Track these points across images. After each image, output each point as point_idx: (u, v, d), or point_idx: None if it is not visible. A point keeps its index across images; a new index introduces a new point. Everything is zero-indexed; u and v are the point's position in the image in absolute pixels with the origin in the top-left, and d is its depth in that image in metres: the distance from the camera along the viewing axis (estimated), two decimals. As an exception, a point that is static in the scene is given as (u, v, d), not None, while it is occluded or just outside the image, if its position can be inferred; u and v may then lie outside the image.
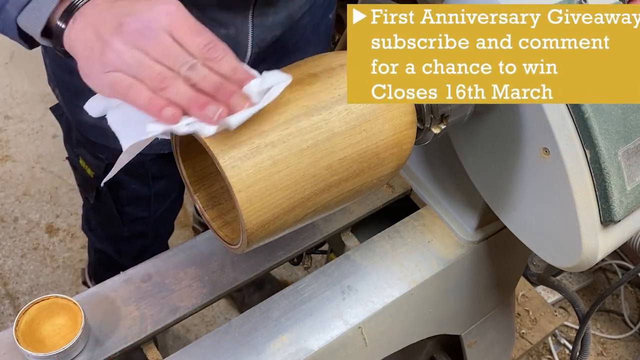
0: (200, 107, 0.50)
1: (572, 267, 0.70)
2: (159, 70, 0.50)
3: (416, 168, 0.91)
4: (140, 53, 0.50)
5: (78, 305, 0.70)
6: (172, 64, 0.50)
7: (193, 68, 0.50)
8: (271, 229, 0.55)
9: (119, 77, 0.50)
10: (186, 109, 0.50)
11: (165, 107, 0.50)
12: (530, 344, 1.32)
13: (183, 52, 0.51)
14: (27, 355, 0.67)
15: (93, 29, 0.52)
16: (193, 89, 0.50)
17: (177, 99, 0.50)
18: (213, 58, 0.51)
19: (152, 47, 0.50)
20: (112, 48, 0.50)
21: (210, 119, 0.50)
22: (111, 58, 0.50)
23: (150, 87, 0.50)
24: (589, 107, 0.62)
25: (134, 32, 0.50)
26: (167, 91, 0.50)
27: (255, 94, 0.51)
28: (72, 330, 0.68)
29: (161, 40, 0.50)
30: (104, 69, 0.51)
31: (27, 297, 1.64)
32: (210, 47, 0.51)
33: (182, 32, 0.51)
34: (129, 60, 0.50)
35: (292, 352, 0.73)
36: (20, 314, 0.69)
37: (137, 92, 0.50)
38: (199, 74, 0.50)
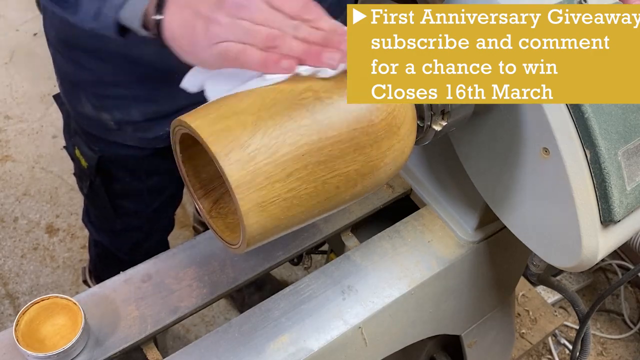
0: (316, 55, 0.54)
1: (572, 267, 0.70)
2: (268, 31, 0.54)
3: (416, 168, 0.91)
4: (246, 22, 0.54)
5: (78, 305, 0.70)
6: (277, 26, 0.54)
7: (298, 28, 0.54)
8: (271, 229, 0.55)
9: (229, 45, 0.54)
10: (302, 60, 0.54)
11: (282, 60, 0.53)
12: (530, 344, 1.32)
13: (284, 16, 0.54)
14: (27, 355, 0.67)
15: (190, 10, 0.55)
16: (303, 43, 0.54)
17: (291, 53, 0.54)
18: (311, 19, 0.55)
19: (255, 15, 0.54)
20: (216, 22, 0.54)
21: (330, 65, 0.54)
22: (217, 31, 0.54)
23: (262, 47, 0.53)
24: (589, 107, 0.62)
25: (234, 5, 0.54)
26: (280, 48, 0.54)
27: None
28: (72, 330, 0.68)
29: (261, 9, 0.54)
30: (210, 42, 0.54)
31: (27, 297, 1.64)
32: (306, 8, 0.55)
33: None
34: (236, 29, 0.54)
35: (292, 352, 0.73)
36: (20, 314, 0.69)
37: (251, 53, 0.54)
38: (304, 31, 0.54)
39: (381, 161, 0.58)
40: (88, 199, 1.15)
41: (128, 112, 0.91)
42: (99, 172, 1.03)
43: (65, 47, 0.89)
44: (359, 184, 0.58)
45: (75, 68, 0.89)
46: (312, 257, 1.22)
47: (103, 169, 1.02)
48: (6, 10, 2.43)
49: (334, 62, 0.54)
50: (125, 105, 0.90)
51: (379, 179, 0.60)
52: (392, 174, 0.61)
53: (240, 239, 0.56)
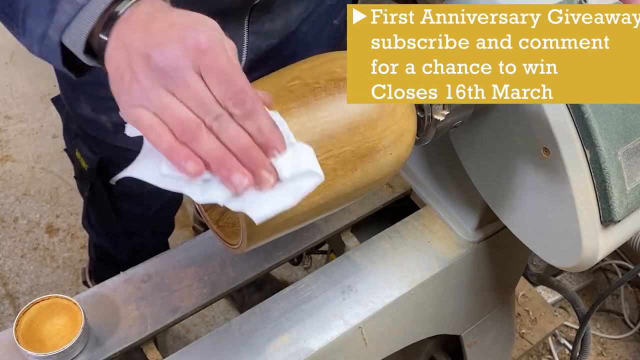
0: (227, 170, 0.47)
1: (572, 267, 0.70)
2: (184, 117, 0.47)
3: (416, 168, 0.91)
4: (166, 94, 0.47)
5: (78, 305, 0.70)
6: (198, 110, 0.47)
7: (219, 119, 0.47)
8: (271, 229, 0.55)
9: (143, 115, 0.48)
10: (209, 167, 0.48)
11: (188, 160, 0.47)
12: (530, 344, 1.32)
13: (210, 98, 0.47)
14: (27, 355, 0.67)
15: (126, 53, 0.49)
16: (220, 146, 0.47)
17: (201, 153, 0.47)
18: (239, 113, 0.47)
19: (178, 88, 0.47)
20: (138, 82, 0.48)
21: (235, 187, 0.47)
22: (137, 92, 0.48)
23: (173, 132, 0.47)
24: (589, 107, 0.62)
25: (161, 69, 0.47)
26: (192, 143, 0.47)
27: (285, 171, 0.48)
28: (72, 331, 0.68)
29: (188, 83, 0.47)
30: (130, 102, 0.49)
31: (27, 297, 1.64)
32: (239, 97, 0.47)
33: (212, 73, 0.47)
34: (154, 99, 0.47)
35: (292, 352, 0.73)
36: (20, 314, 0.69)
37: (159, 136, 0.47)
38: (227, 129, 0.47)
39: (379, 142, 0.57)
40: (88, 201, 1.15)
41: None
42: (99, 175, 1.02)
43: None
44: (358, 167, 0.57)
45: None
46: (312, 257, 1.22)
47: (104, 171, 1.02)
48: (6, 10, 2.42)
49: (240, 186, 0.47)
50: None
51: (380, 164, 0.59)
52: (394, 163, 0.60)
53: (240, 238, 0.56)
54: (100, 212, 1.13)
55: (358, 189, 0.59)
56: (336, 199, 0.58)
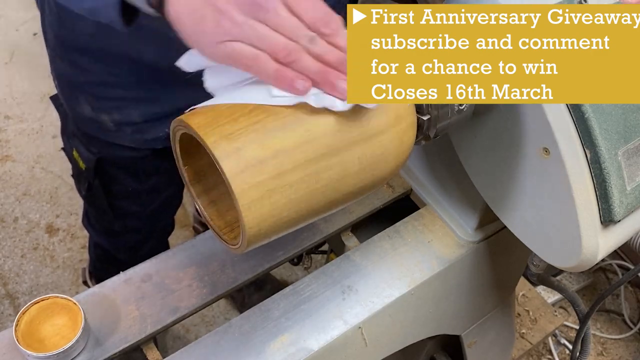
0: (332, 81, 0.51)
1: (572, 267, 0.70)
2: (284, 42, 0.50)
3: (416, 168, 0.91)
4: (260, 24, 0.50)
5: (78, 305, 0.70)
6: (293, 36, 0.51)
7: (314, 41, 0.51)
8: (271, 229, 0.55)
9: (241, 48, 0.50)
10: (315, 82, 0.51)
11: (297, 79, 0.50)
12: (530, 344, 1.32)
13: (301, 24, 0.51)
14: (27, 355, 0.67)
15: None
16: (320, 63, 0.51)
17: (306, 72, 0.51)
18: (329, 32, 0.51)
19: (270, 18, 0.50)
20: (229, 17, 0.50)
21: (341, 94, 0.51)
22: (228, 28, 0.50)
23: (276, 58, 0.50)
24: (589, 107, 0.62)
25: (252, 3, 0.50)
26: (295, 64, 0.50)
27: None
28: (72, 330, 0.68)
29: (279, 12, 0.50)
30: (220, 38, 0.51)
31: (27, 297, 1.64)
32: (326, 20, 0.51)
33: (300, 5, 0.51)
34: (249, 31, 0.50)
35: (292, 352, 0.73)
36: (20, 314, 0.69)
37: (264, 63, 0.50)
38: (321, 48, 0.51)
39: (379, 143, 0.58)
40: (86, 200, 1.15)
41: (127, 113, 0.91)
42: (97, 174, 1.02)
43: (64, 48, 0.89)
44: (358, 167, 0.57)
45: (74, 69, 0.89)
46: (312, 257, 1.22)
47: (101, 170, 1.02)
48: (6, 10, 2.43)
49: (345, 92, 0.51)
50: (125, 106, 0.90)
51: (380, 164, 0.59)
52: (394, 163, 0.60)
53: (240, 238, 0.56)
54: (98, 211, 1.13)
55: (357, 190, 0.59)
56: (336, 199, 0.58)
